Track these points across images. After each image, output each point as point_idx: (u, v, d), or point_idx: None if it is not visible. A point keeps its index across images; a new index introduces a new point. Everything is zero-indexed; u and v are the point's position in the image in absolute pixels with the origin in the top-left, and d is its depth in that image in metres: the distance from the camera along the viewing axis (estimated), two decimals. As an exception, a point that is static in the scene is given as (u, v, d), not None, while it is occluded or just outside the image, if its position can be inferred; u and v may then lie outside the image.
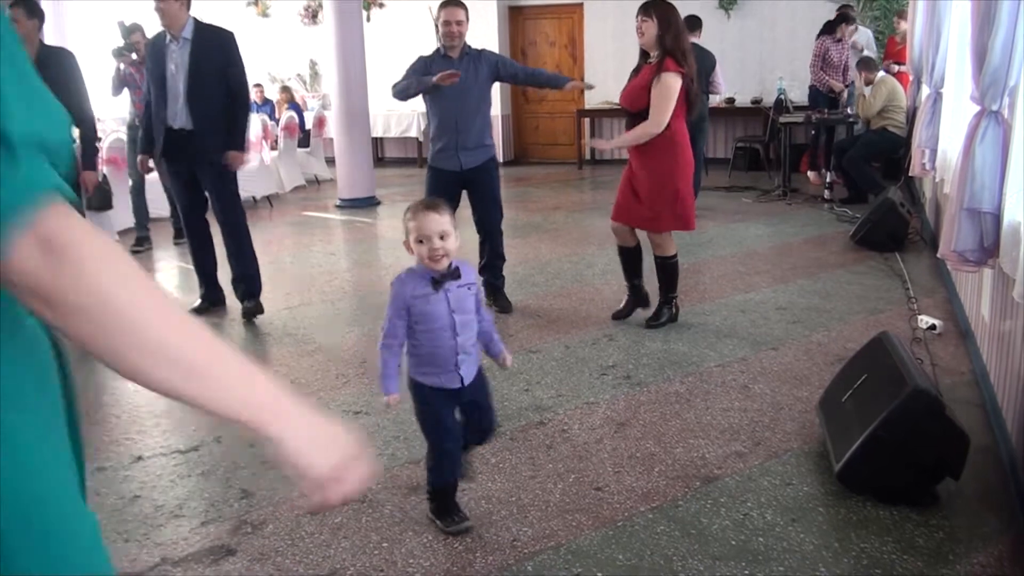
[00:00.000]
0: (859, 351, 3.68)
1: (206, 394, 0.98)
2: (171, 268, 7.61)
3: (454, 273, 2.85)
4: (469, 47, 5.55)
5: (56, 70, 5.17)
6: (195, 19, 5.48)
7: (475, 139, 5.48)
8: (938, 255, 4.08)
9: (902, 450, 3.01)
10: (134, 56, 7.87)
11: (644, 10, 4.97)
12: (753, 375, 4.41)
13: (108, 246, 0.92)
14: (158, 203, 8.64)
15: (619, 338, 5.12)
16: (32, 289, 0.88)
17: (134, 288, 0.93)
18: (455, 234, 2.85)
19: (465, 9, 5.51)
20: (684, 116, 5.04)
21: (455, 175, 5.52)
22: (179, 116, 5.45)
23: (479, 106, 5.51)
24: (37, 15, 5.29)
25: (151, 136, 5.64)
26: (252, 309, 5.71)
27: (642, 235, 5.29)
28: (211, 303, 5.89)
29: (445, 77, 5.20)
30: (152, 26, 6.15)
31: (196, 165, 5.51)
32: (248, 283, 5.75)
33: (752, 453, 3.56)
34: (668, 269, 5.30)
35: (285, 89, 13.55)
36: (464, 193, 5.63)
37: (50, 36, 7.05)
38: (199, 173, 5.56)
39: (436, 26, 5.51)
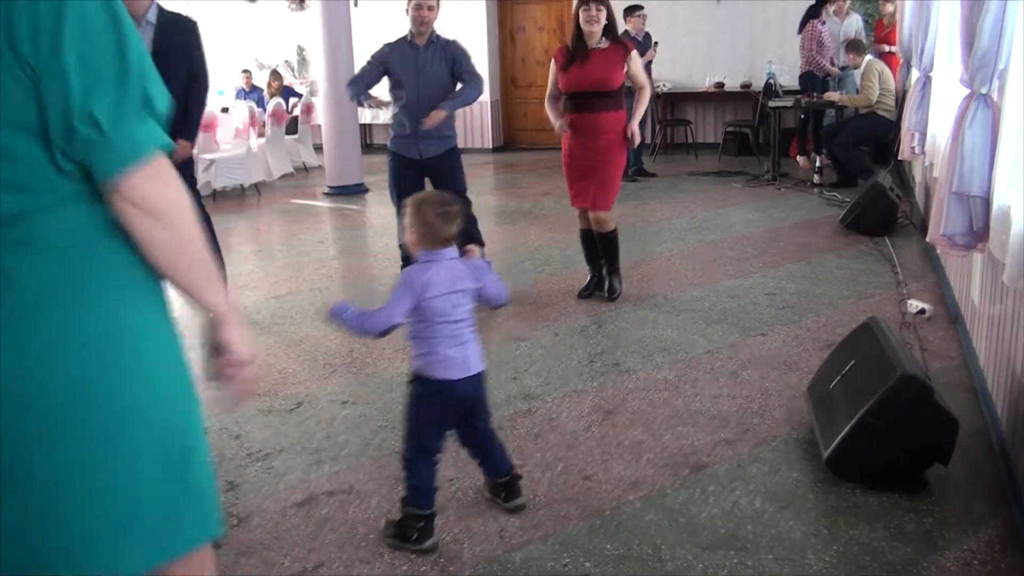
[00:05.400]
0: (847, 336, 3.66)
1: (207, 296, 1.58)
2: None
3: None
4: (437, 35, 5.49)
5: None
6: (158, 4, 5.34)
7: (435, 128, 5.39)
8: (927, 239, 4.05)
9: (891, 436, 2.99)
10: None
11: (600, 0, 5.23)
12: (742, 361, 4.39)
13: (185, 191, 1.49)
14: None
15: (607, 325, 5.10)
16: (147, 199, 1.43)
17: (193, 219, 1.51)
18: None
19: None
20: None
21: (415, 163, 5.50)
22: None
23: (441, 95, 5.42)
24: None
25: None
26: None
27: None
28: None
29: (376, 102, 5.48)
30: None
31: None
32: None
33: (741, 440, 3.54)
34: (613, 242, 5.57)
35: (276, 75, 13.44)
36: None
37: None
38: None
39: (406, 10, 5.44)
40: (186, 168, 5.42)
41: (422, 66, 5.39)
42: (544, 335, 4.94)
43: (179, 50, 5.18)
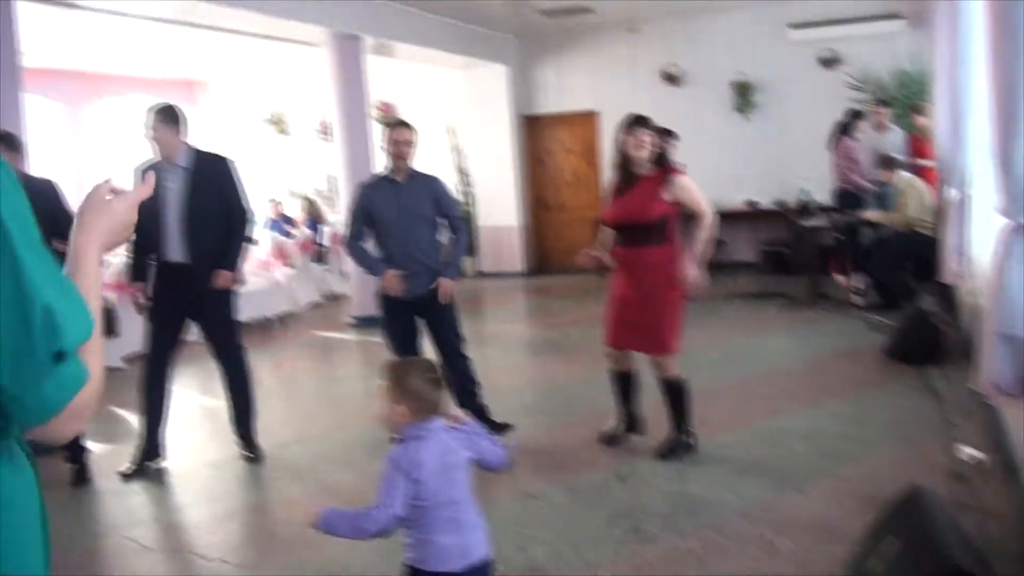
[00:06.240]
0: (892, 509, 3.24)
1: None
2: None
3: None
4: (414, 170, 5.32)
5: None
6: (191, 146, 5.28)
7: (422, 266, 5.22)
8: (976, 387, 3.66)
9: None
10: None
11: (644, 123, 4.90)
12: (778, 526, 3.94)
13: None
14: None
15: (631, 478, 4.69)
16: (64, 437, 1.35)
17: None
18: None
19: (414, 131, 5.34)
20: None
21: (405, 303, 5.26)
22: (173, 249, 5.17)
23: (426, 231, 5.28)
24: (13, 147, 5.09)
25: (142, 265, 5.37)
26: (256, 457, 5.39)
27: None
28: (149, 459, 5.33)
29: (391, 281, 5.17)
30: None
31: (189, 300, 5.21)
32: (246, 426, 5.44)
33: (774, 630, 3.11)
34: (680, 393, 4.97)
35: (308, 202, 13.44)
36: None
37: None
38: (191, 309, 5.27)
39: (383, 145, 5.29)
40: (226, 297, 5.27)
41: (404, 203, 5.22)
42: (558, 492, 4.54)
43: (214, 189, 5.22)
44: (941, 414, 5.36)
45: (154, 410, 5.36)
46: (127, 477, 5.22)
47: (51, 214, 5.09)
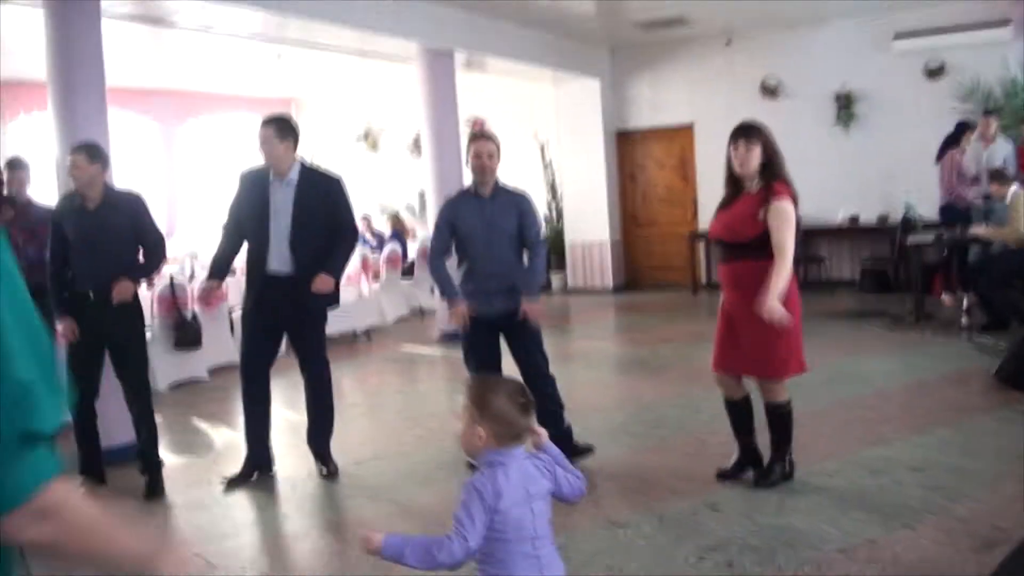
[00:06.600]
0: (1015, 553, 2.94)
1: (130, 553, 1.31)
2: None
3: None
4: (501, 184, 5.18)
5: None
6: (302, 162, 5.26)
7: (505, 283, 5.06)
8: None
9: None
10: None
11: (748, 135, 4.48)
12: (883, 566, 3.65)
13: (87, 504, 1.23)
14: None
15: (724, 507, 4.43)
16: (34, 541, 1.18)
17: (105, 536, 1.27)
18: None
19: (496, 143, 5.17)
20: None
21: (489, 322, 5.10)
22: (278, 260, 5.14)
23: (511, 249, 5.13)
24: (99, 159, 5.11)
25: (224, 266, 5.41)
26: (332, 473, 5.32)
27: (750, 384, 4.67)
28: (258, 468, 5.35)
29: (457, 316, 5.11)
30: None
31: (290, 310, 5.17)
32: (323, 441, 5.38)
33: None
34: (781, 418, 4.66)
35: (395, 218, 13.49)
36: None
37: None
38: (288, 321, 5.24)
39: (466, 160, 5.17)
40: (322, 309, 5.30)
41: (490, 218, 5.08)
42: (647, 520, 4.31)
43: (320, 206, 5.18)
44: (1062, 446, 4.97)
45: (259, 423, 5.35)
46: (231, 484, 5.22)
47: (135, 228, 5.13)
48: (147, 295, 8.35)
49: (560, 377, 5.38)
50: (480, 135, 5.27)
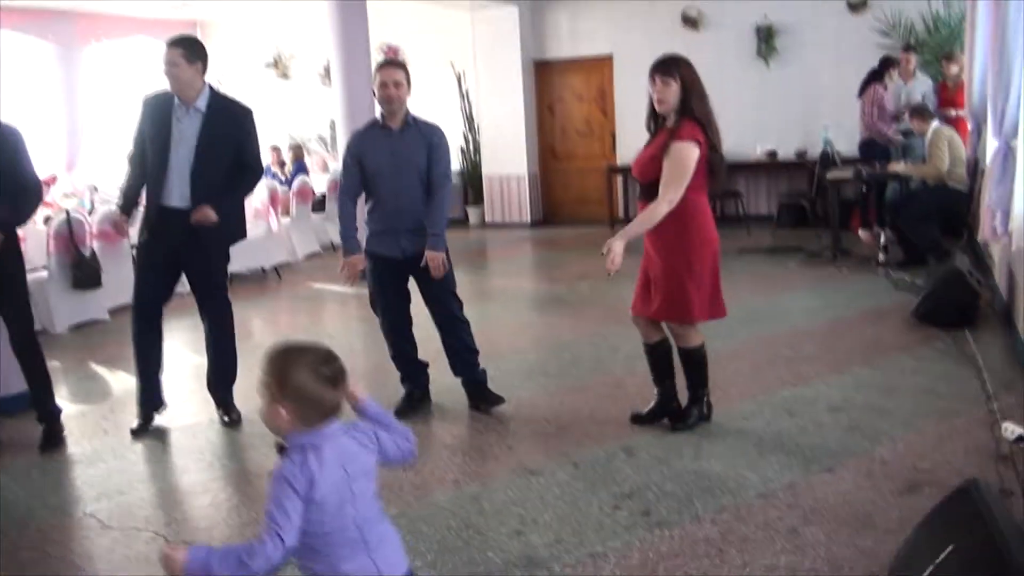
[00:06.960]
0: (940, 506, 2.81)
1: None
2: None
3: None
4: (412, 116, 4.83)
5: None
6: (212, 88, 4.83)
7: (413, 222, 4.75)
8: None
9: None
10: None
11: (665, 70, 4.20)
12: (804, 511, 3.52)
13: None
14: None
15: (640, 452, 4.27)
16: None
17: None
18: None
19: (406, 70, 4.81)
20: (704, 189, 4.27)
21: (397, 263, 4.81)
22: (175, 193, 4.75)
23: (419, 185, 4.78)
24: None
25: (133, 198, 5.00)
26: (233, 421, 5.03)
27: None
28: (154, 409, 5.07)
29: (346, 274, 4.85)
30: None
31: (183, 247, 4.80)
32: (224, 387, 5.07)
33: (803, 640, 2.70)
34: (695, 363, 4.50)
35: (297, 148, 12.94)
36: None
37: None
38: (185, 256, 4.86)
39: (372, 90, 4.81)
40: (220, 245, 4.97)
41: (398, 152, 4.74)
42: (562, 467, 4.12)
43: (227, 139, 4.81)
44: (979, 384, 4.92)
45: (151, 361, 5.02)
46: (136, 434, 4.94)
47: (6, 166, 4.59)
48: (42, 230, 7.85)
49: (476, 318, 5.15)
50: (387, 63, 4.91)
